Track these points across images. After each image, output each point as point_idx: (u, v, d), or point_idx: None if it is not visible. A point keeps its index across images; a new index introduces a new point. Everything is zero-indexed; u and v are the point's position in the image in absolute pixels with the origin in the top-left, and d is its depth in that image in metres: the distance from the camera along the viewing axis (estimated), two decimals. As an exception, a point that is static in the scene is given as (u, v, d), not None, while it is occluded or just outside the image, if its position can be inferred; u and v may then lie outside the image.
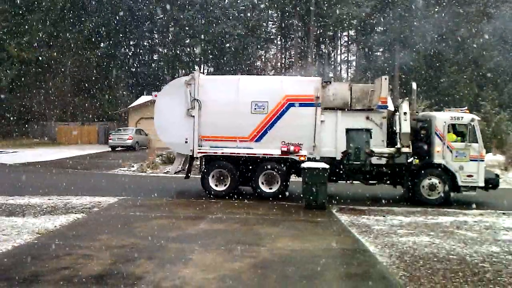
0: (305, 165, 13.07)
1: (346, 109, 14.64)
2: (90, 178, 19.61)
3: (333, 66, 62.77)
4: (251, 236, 9.67)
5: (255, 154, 14.54)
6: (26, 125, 48.07)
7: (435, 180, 14.39)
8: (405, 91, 44.55)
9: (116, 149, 35.86)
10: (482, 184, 14.33)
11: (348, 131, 14.17)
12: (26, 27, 49.29)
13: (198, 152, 14.88)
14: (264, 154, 14.48)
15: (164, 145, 17.12)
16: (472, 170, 14.27)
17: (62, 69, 50.26)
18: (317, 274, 7.31)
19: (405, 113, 13.98)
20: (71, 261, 7.63)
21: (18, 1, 49.07)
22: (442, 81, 49.79)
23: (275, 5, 60.64)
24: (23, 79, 47.93)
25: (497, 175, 15.11)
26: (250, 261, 7.81)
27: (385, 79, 14.46)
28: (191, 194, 15.57)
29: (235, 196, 14.64)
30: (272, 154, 14.44)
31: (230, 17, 59.87)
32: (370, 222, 11.39)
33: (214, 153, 14.84)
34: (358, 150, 13.93)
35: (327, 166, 13.04)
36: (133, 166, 23.32)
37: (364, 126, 14.31)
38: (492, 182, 14.52)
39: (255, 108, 14.64)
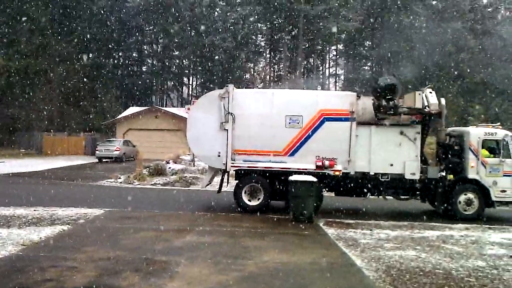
0: (293, 178, 13.06)
1: (379, 124, 14.61)
2: (76, 190, 19.47)
3: (321, 79, 63.07)
4: (238, 249, 9.64)
5: (289, 168, 14.32)
6: (13, 135, 47.67)
7: (471, 195, 14.52)
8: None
9: (103, 160, 35.61)
10: None
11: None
12: (15, 37, 49.11)
13: (231, 166, 14.72)
14: (298, 169, 14.22)
15: (151, 157, 17.04)
16: (506, 185, 14.43)
17: (50, 80, 50.03)
18: (304, 287, 7.30)
19: (430, 92, 14.41)
20: (56, 273, 7.55)
21: (7, 11, 48.90)
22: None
23: (265, 19, 60.96)
24: (10, 89, 47.65)
25: None
26: (237, 274, 7.78)
27: (419, 94, 14.55)
28: (179, 206, 15.49)
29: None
30: (306, 169, 14.20)
31: (220, 30, 60.06)
32: (357, 236, 11.40)
33: (248, 167, 14.67)
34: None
35: (314, 179, 13.08)
36: (120, 178, 23.19)
37: (398, 141, 14.42)
38: None
39: (289, 122, 14.53)
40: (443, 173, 14.73)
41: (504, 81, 49.42)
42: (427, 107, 14.25)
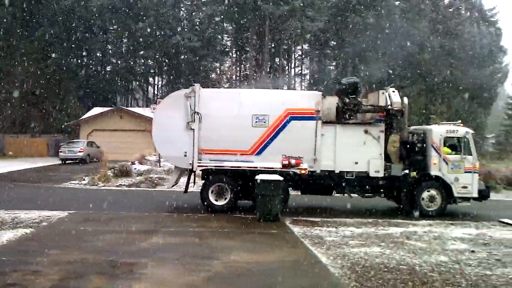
0: (259, 177, 13.11)
1: (344, 123, 14.80)
2: (39, 192, 19.07)
3: (287, 79, 63.30)
4: (205, 250, 9.63)
5: (256, 167, 14.33)
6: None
7: (433, 192, 14.86)
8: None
9: (67, 162, 34.99)
10: (476, 195, 14.89)
11: None
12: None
13: (198, 166, 14.65)
14: (264, 168, 14.26)
15: (116, 158, 16.83)
16: (467, 181, 14.80)
17: (12, 80, 48.84)
18: (271, 286, 7.35)
19: (393, 91, 14.69)
20: (19, 278, 7.40)
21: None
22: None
23: (230, 18, 60.88)
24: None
25: (488, 187, 15.77)
26: (204, 275, 7.77)
27: (382, 93, 14.79)
28: (145, 207, 15.37)
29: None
30: (273, 168, 14.26)
31: (185, 29, 59.69)
32: (323, 234, 11.51)
33: (215, 166, 14.64)
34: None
35: (281, 178, 13.17)
36: (84, 179, 22.85)
37: (362, 139, 14.60)
38: (484, 193, 15.08)
39: (256, 122, 14.56)
40: (407, 171, 15.01)
41: (464, 79, 50.70)
42: (390, 106, 14.53)
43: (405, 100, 15.01)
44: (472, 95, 52.81)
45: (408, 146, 15.43)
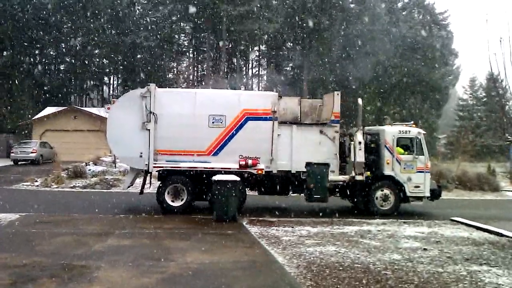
0: (216, 178, 13.10)
1: (299, 123, 14.94)
2: (-11, 194, 18.50)
3: (244, 80, 63.37)
4: (160, 251, 9.52)
5: (213, 168, 14.28)
6: None
7: (387, 191, 15.15)
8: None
9: (19, 163, 34.06)
10: (428, 194, 15.26)
11: (308, 164, 14.62)
12: None
13: (154, 167, 14.46)
14: (221, 168, 14.21)
15: (70, 159, 16.49)
16: (419, 181, 15.16)
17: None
18: (226, 287, 7.32)
19: (359, 143, 14.71)
20: (-35, 283, 7.15)
21: None
22: (347, 95, 51.79)
23: (187, 18, 60.50)
24: None
25: (439, 186, 16.14)
26: (158, 277, 7.68)
27: (337, 94, 14.89)
28: (99, 209, 15.07)
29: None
30: (230, 168, 14.23)
31: (142, 28, 58.94)
32: (279, 233, 11.58)
33: (171, 167, 14.50)
34: (319, 184, 14.47)
35: (238, 178, 13.19)
36: (37, 181, 22.28)
37: (318, 140, 14.72)
38: (436, 193, 15.42)
39: (212, 122, 14.51)
40: None
41: (417, 81, 51.91)
42: (351, 135, 14.85)
43: (359, 101, 15.27)
44: (425, 96, 54.17)
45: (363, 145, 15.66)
